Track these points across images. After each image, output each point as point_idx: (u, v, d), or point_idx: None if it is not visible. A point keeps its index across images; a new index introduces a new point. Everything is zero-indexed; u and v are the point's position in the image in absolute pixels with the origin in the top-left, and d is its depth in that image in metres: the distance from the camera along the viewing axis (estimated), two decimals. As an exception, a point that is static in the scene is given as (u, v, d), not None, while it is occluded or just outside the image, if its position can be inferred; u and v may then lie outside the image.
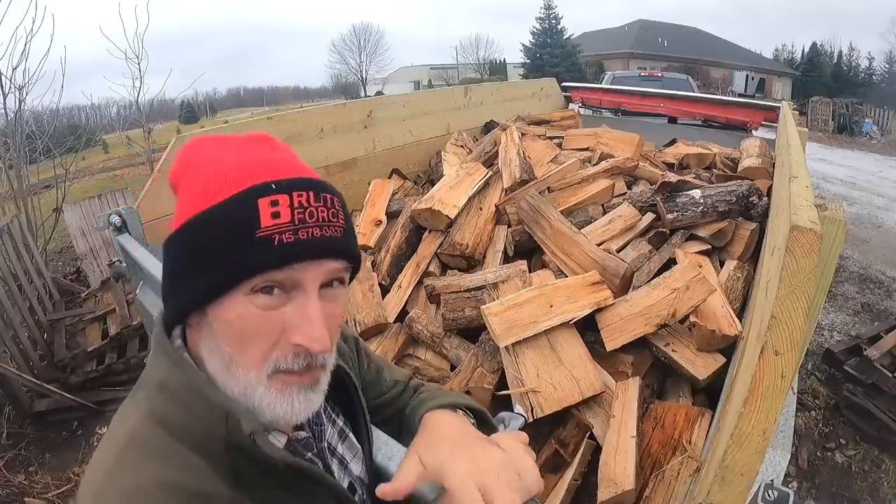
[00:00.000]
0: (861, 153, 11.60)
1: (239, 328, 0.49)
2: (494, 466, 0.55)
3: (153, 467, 0.46)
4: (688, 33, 33.38)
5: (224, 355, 0.51)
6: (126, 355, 3.17)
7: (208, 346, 0.53)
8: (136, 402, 0.52)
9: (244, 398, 0.52)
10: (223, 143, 0.55)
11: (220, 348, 0.51)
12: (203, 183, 0.51)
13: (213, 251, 0.48)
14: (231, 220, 0.48)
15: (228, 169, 0.51)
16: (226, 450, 0.50)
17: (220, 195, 0.49)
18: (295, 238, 0.48)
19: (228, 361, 0.51)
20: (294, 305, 0.50)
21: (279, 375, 0.51)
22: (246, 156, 0.52)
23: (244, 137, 0.56)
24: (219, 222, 0.48)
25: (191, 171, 0.53)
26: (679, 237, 1.79)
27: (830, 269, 0.94)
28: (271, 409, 0.51)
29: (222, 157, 0.52)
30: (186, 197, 0.52)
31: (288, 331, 0.50)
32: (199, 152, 0.55)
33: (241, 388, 0.51)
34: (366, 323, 1.69)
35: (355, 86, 46.17)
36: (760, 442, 0.69)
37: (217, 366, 0.52)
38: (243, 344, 0.50)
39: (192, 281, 0.50)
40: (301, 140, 2.19)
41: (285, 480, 0.54)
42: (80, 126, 7.77)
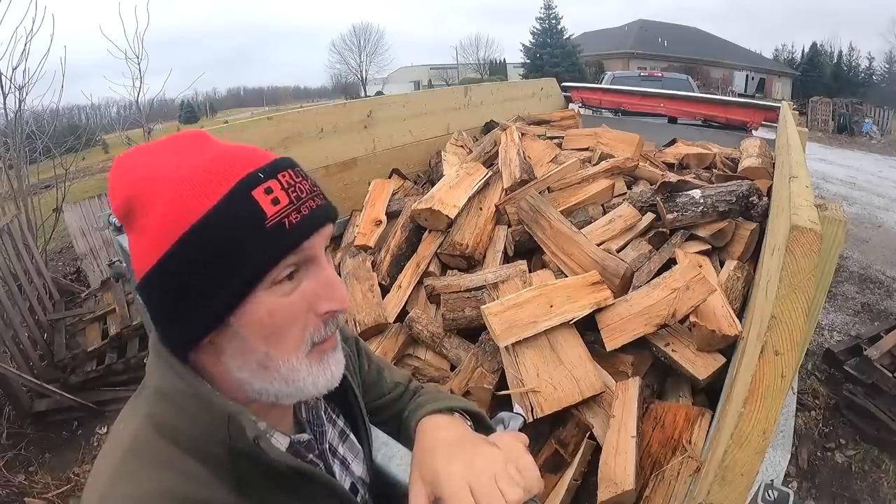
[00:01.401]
0: (861, 153, 11.60)
1: (272, 323, 0.49)
2: (490, 467, 0.54)
3: (154, 475, 0.46)
4: (688, 33, 33.39)
5: (258, 355, 0.50)
6: (126, 355, 3.17)
7: (237, 355, 0.51)
8: (136, 406, 0.52)
9: (287, 385, 0.52)
10: (162, 151, 0.51)
11: (253, 350, 0.50)
12: (177, 194, 0.47)
13: (225, 257, 0.46)
14: (234, 220, 0.46)
15: (196, 172, 0.48)
16: (227, 455, 0.50)
17: (208, 200, 0.46)
18: (300, 216, 0.49)
19: (264, 359, 0.50)
20: (310, 279, 0.51)
21: (315, 348, 0.52)
22: (204, 155, 0.50)
23: (181, 140, 0.53)
24: (221, 226, 0.46)
25: (148, 188, 0.48)
26: (679, 237, 1.79)
27: (830, 269, 0.94)
28: (314, 383, 0.53)
29: (178, 164, 0.49)
30: (157, 216, 0.47)
31: (313, 304, 0.51)
32: (143, 166, 0.50)
33: (283, 379, 0.51)
34: (366, 323, 1.69)
35: (355, 86, 46.19)
36: (760, 442, 0.69)
37: (251, 369, 0.51)
38: (279, 335, 0.50)
39: (204, 297, 0.47)
40: (301, 140, 2.19)
41: (288, 484, 0.54)
42: (80, 126, 7.78)
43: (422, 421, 0.68)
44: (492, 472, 0.54)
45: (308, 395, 0.54)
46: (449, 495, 0.52)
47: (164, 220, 0.47)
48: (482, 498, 0.51)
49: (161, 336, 0.53)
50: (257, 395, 0.52)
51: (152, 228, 0.48)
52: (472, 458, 0.56)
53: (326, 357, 0.54)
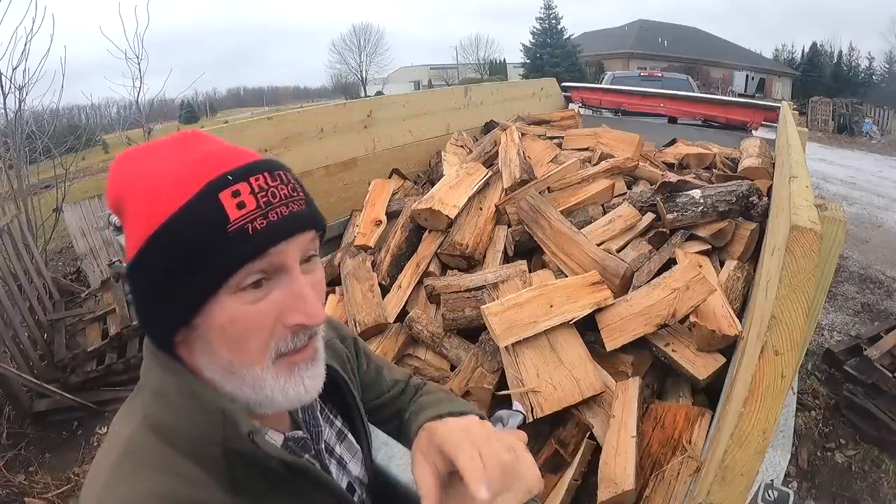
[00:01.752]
0: (861, 153, 11.60)
1: (234, 330, 0.48)
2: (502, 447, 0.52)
3: (150, 478, 0.46)
4: (688, 33, 33.38)
5: (223, 361, 0.50)
6: (126, 355, 3.16)
7: (204, 355, 0.51)
8: (132, 408, 0.52)
9: (255, 393, 0.51)
10: (154, 150, 0.52)
11: (218, 355, 0.50)
12: (153, 194, 0.47)
13: (187, 259, 0.46)
14: (198, 222, 0.46)
15: (174, 172, 0.48)
16: (223, 456, 0.50)
17: (178, 201, 0.46)
18: (266, 222, 0.47)
19: (228, 365, 0.50)
20: (281, 289, 0.49)
21: (283, 359, 0.51)
22: (187, 156, 0.50)
23: (172, 140, 0.53)
24: (185, 228, 0.46)
25: (133, 188, 0.49)
26: (679, 237, 1.79)
27: (830, 269, 0.94)
28: (284, 394, 0.51)
29: (162, 164, 0.49)
30: (137, 215, 0.48)
31: (282, 314, 0.49)
32: (133, 166, 0.51)
33: (250, 386, 0.51)
34: (366, 323, 1.69)
35: (355, 86, 46.18)
36: (760, 442, 0.69)
37: (218, 372, 0.51)
38: (241, 343, 0.49)
39: (171, 297, 0.48)
40: (301, 140, 2.19)
41: (283, 482, 0.54)
42: (80, 126, 7.77)
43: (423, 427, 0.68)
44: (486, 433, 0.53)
45: (281, 407, 0.52)
46: (443, 440, 0.51)
47: (140, 220, 0.48)
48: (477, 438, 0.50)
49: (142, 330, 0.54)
50: (233, 398, 0.52)
51: (132, 227, 0.49)
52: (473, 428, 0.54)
53: (297, 369, 0.52)
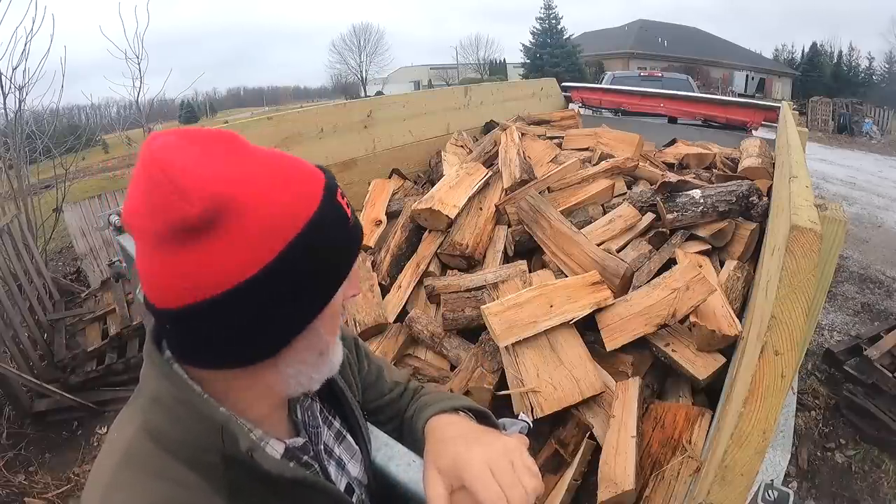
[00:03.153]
0: (861, 153, 11.60)
1: (336, 313, 0.54)
2: (508, 454, 0.55)
3: (148, 485, 0.46)
4: (688, 33, 33.38)
5: (322, 344, 0.54)
6: (126, 355, 3.16)
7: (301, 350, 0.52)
8: (131, 413, 0.52)
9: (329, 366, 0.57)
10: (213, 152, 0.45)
11: (322, 341, 0.54)
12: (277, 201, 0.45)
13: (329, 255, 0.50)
14: (334, 223, 0.50)
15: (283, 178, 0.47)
16: (221, 462, 0.50)
17: (310, 205, 0.47)
18: (351, 210, 0.54)
19: (325, 346, 0.55)
20: None
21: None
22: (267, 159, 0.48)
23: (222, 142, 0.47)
24: (325, 229, 0.48)
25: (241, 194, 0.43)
26: (679, 237, 1.79)
27: (830, 269, 0.94)
28: (338, 359, 0.58)
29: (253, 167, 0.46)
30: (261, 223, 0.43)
31: (345, 291, 0.54)
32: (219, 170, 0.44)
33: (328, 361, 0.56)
34: (366, 323, 1.69)
35: (355, 86, 46.18)
36: (760, 442, 0.69)
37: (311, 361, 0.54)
38: (337, 321, 0.56)
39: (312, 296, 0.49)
40: (301, 140, 2.19)
41: (283, 490, 0.54)
42: (80, 126, 7.77)
43: (430, 420, 0.68)
44: (510, 459, 0.55)
45: (334, 372, 0.58)
46: (472, 477, 0.53)
47: (271, 225, 0.44)
48: (504, 479, 0.52)
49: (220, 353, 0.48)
50: (292, 390, 0.55)
51: (252, 235, 0.43)
52: (489, 444, 0.57)
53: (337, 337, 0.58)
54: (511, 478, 0.52)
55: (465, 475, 0.53)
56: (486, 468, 0.53)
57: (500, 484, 0.52)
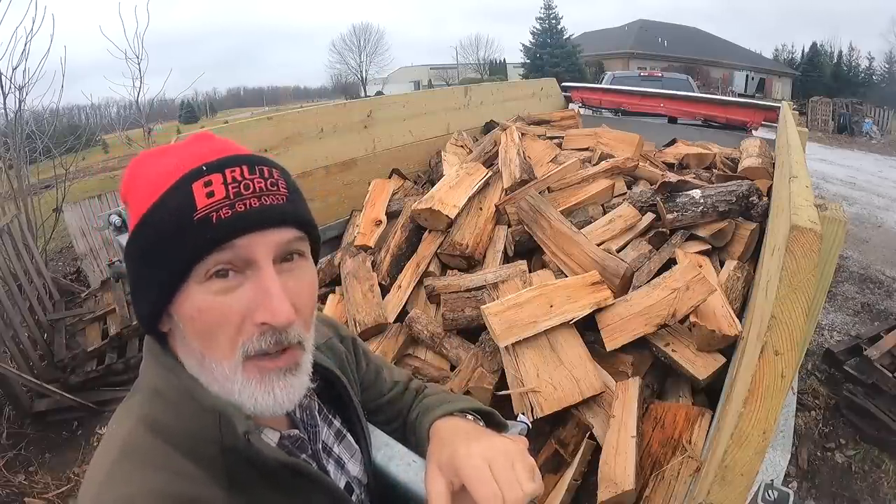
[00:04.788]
0: (861, 153, 11.60)
1: (202, 320, 0.48)
2: (508, 452, 0.55)
3: (147, 475, 0.46)
4: (688, 33, 33.37)
5: (195, 352, 0.51)
6: (126, 355, 3.17)
7: (182, 348, 0.53)
8: (130, 407, 0.52)
9: (225, 393, 0.50)
10: (165, 151, 0.55)
11: (191, 346, 0.51)
12: (146, 188, 0.51)
13: (160, 247, 0.48)
14: (169, 211, 0.48)
15: (167, 167, 0.51)
16: (220, 453, 0.50)
17: (160, 191, 0.49)
18: (232, 212, 0.47)
19: (200, 358, 0.50)
20: (250, 284, 0.49)
21: (253, 362, 0.50)
22: (182, 153, 0.52)
23: (184, 141, 0.56)
24: (159, 217, 0.49)
25: (136, 183, 0.53)
26: (679, 237, 1.79)
27: (830, 269, 0.94)
28: (252, 400, 0.50)
29: (163, 162, 0.52)
30: (133, 208, 0.52)
31: (250, 311, 0.48)
32: (144, 164, 0.55)
33: (220, 383, 0.50)
34: (366, 323, 1.69)
35: (355, 86, 46.19)
36: (760, 442, 0.69)
37: (193, 366, 0.52)
38: (209, 335, 0.49)
39: (150, 283, 0.50)
40: (301, 140, 2.19)
41: (280, 480, 0.54)
42: (80, 126, 7.77)
43: (436, 423, 0.69)
44: (510, 459, 0.54)
45: (253, 413, 0.51)
46: (469, 474, 0.52)
47: (133, 212, 0.52)
48: (501, 476, 0.52)
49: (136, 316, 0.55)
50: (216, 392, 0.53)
51: (130, 220, 0.53)
52: (490, 443, 0.57)
53: (270, 377, 0.50)
54: (509, 477, 0.52)
55: (463, 471, 0.53)
56: (484, 465, 0.52)
57: (497, 482, 0.51)
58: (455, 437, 0.61)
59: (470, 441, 0.57)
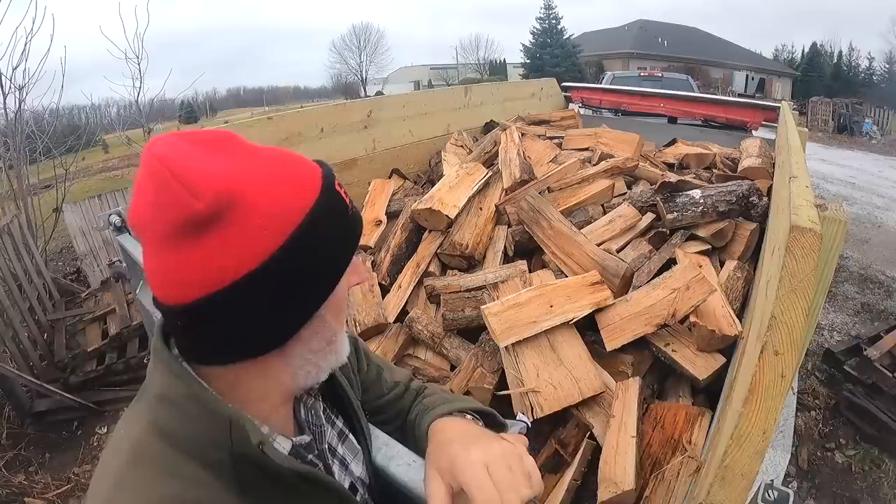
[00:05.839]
0: (861, 153, 11.59)
1: (342, 300, 0.56)
2: (505, 456, 0.55)
3: (160, 482, 0.46)
4: (688, 33, 33.36)
5: (329, 333, 0.55)
6: (126, 355, 3.16)
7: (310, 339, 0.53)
8: (138, 411, 0.52)
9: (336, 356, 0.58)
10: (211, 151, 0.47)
11: (330, 329, 0.55)
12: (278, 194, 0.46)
13: (333, 246, 0.51)
14: (334, 212, 0.51)
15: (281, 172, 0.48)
16: (230, 459, 0.50)
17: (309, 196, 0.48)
18: (355, 206, 0.56)
19: (332, 335, 0.56)
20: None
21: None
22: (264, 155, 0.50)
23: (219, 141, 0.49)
24: (325, 219, 0.50)
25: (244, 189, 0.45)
26: (679, 237, 1.79)
27: (830, 269, 0.94)
28: (345, 345, 0.59)
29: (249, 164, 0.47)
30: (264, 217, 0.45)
31: (349, 278, 0.55)
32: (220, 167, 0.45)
33: (336, 351, 0.58)
34: (366, 323, 1.69)
35: (355, 86, 46.18)
36: (760, 442, 0.69)
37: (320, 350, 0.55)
38: (343, 311, 0.57)
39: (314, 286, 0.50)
40: (301, 140, 2.19)
41: (290, 485, 0.54)
42: (80, 126, 7.76)
43: (435, 423, 0.69)
44: (508, 462, 0.54)
45: (341, 363, 0.59)
46: (467, 478, 0.52)
47: (272, 218, 0.45)
48: (499, 480, 0.52)
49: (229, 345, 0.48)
50: (302, 382, 0.56)
51: (255, 228, 0.44)
52: (489, 446, 0.57)
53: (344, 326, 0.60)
54: (508, 481, 0.52)
55: (461, 476, 0.53)
56: (482, 469, 0.52)
57: (496, 486, 0.51)
58: (454, 440, 0.60)
59: (468, 444, 0.57)
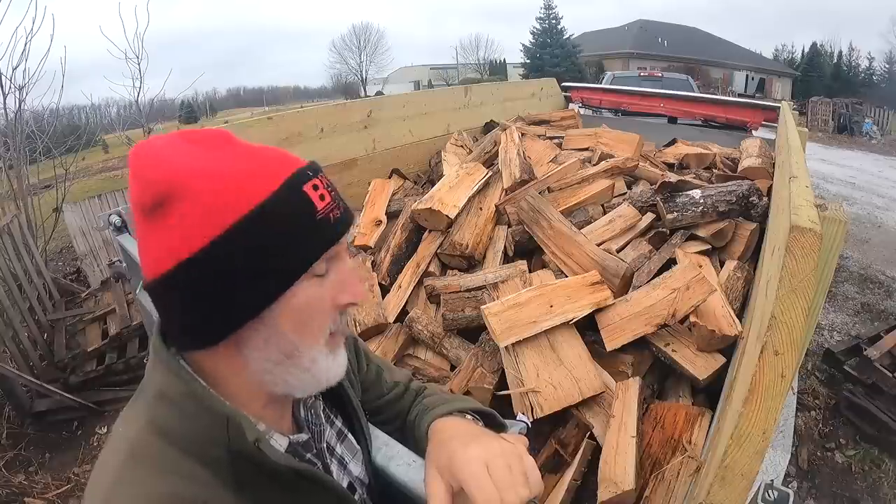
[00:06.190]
0: (861, 153, 11.59)
1: (306, 312, 0.52)
2: (505, 454, 0.55)
3: (157, 479, 0.46)
4: (688, 33, 33.35)
5: (286, 345, 0.52)
6: (126, 355, 3.16)
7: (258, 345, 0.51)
8: (136, 409, 0.52)
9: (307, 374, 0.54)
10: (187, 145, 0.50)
11: (284, 339, 0.51)
12: (224, 188, 0.47)
13: (280, 245, 0.49)
14: (291, 210, 0.49)
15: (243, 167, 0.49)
16: (227, 456, 0.50)
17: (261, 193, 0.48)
18: (340, 213, 0.53)
19: (292, 349, 0.52)
20: (335, 272, 0.54)
21: (332, 338, 0.55)
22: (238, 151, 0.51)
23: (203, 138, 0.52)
24: (275, 216, 0.48)
25: (186, 181, 0.47)
26: (679, 237, 1.79)
27: (830, 269, 0.94)
28: (328, 373, 0.56)
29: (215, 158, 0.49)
30: (202, 207, 0.46)
31: (336, 296, 0.54)
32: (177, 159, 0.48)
33: (306, 367, 0.54)
34: (366, 323, 1.69)
35: (355, 86, 46.19)
36: (760, 442, 0.69)
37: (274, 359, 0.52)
38: (308, 325, 0.53)
39: (252, 285, 0.48)
40: (301, 140, 2.19)
41: (288, 483, 0.54)
42: (80, 126, 7.76)
43: (434, 423, 0.69)
44: (507, 461, 0.54)
45: (320, 387, 0.56)
46: (467, 476, 0.52)
47: (209, 210, 0.46)
48: (499, 479, 0.52)
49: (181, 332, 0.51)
50: (271, 388, 0.54)
51: (192, 218, 0.46)
52: (488, 444, 0.56)
53: (339, 348, 0.57)
54: (507, 480, 0.52)
55: (461, 474, 0.53)
56: (482, 468, 0.52)
57: (495, 485, 0.51)
58: (453, 439, 0.60)
59: (468, 444, 0.57)
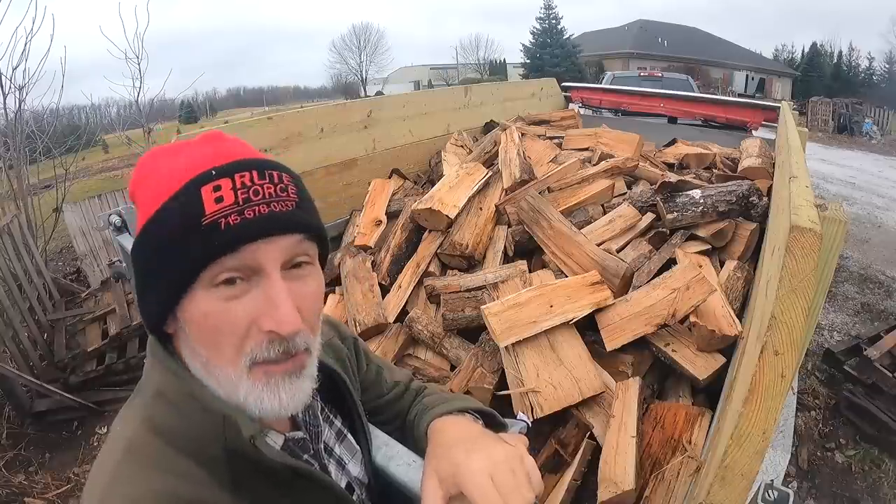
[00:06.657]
0: (861, 153, 11.59)
1: (207, 325, 0.48)
2: (508, 460, 0.55)
3: (153, 477, 0.46)
4: (688, 33, 33.36)
5: (200, 357, 0.50)
6: (126, 355, 3.17)
7: (187, 351, 0.52)
8: (133, 409, 0.52)
9: (229, 397, 0.50)
10: (176, 149, 0.54)
11: (196, 350, 0.50)
12: (154, 188, 0.50)
13: (167, 249, 0.47)
14: (177, 214, 0.47)
15: (177, 167, 0.50)
16: (224, 455, 0.50)
17: (167, 194, 0.48)
18: (241, 218, 0.46)
19: (205, 362, 0.50)
20: (257, 291, 0.48)
21: (260, 367, 0.49)
22: (193, 153, 0.51)
23: (194, 140, 0.55)
24: (167, 219, 0.48)
25: (146, 182, 0.52)
26: (679, 237, 1.79)
27: (830, 269, 0.94)
28: (258, 403, 0.50)
29: (173, 162, 0.52)
30: (142, 206, 0.51)
31: (257, 319, 0.48)
32: (154, 162, 0.54)
33: (225, 388, 0.50)
34: (366, 323, 1.69)
35: (355, 86, 46.21)
36: (760, 442, 0.69)
37: (198, 369, 0.52)
38: (215, 341, 0.48)
39: (155, 285, 0.50)
40: (301, 140, 2.19)
41: (284, 482, 0.54)
42: (80, 126, 7.76)
43: (433, 424, 0.68)
44: (510, 466, 0.54)
45: (255, 415, 0.51)
46: (472, 487, 0.52)
47: (141, 210, 0.52)
48: (504, 488, 0.52)
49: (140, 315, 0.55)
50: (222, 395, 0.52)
51: (138, 218, 0.52)
52: (491, 450, 0.56)
53: (276, 381, 0.50)
54: (511, 485, 0.52)
55: (466, 486, 0.53)
56: (486, 477, 0.52)
57: (499, 491, 0.51)
58: (455, 444, 0.60)
59: (470, 451, 0.57)
